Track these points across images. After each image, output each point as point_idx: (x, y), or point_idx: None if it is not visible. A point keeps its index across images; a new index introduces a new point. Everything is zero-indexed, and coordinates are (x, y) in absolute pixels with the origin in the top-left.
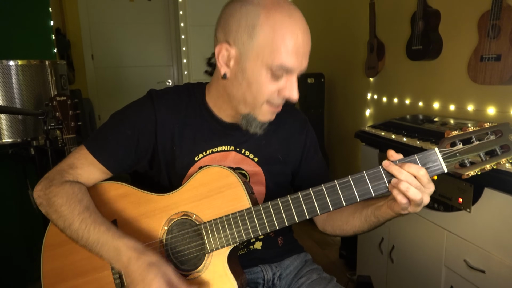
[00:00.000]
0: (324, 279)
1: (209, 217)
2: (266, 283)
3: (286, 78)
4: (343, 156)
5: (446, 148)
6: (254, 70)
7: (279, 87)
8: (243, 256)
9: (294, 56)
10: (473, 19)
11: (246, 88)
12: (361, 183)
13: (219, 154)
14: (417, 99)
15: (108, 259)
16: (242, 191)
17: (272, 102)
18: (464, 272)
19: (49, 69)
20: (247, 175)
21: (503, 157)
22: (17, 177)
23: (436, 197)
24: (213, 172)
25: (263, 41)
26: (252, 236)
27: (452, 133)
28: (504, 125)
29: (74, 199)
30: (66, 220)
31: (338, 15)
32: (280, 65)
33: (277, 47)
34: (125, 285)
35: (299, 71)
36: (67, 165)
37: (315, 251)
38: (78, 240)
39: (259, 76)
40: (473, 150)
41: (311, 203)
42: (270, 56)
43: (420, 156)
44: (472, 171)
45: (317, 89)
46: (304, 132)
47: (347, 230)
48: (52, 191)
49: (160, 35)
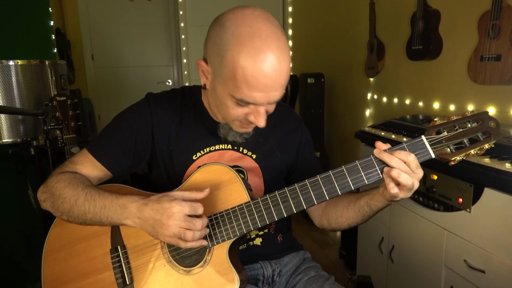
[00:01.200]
0: (322, 276)
1: (209, 213)
2: (266, 280)
3: (253, 107)
4: (343, 156)
5: (432, 135)
6: (223, 94)
7: (245, 112)
8: (243, 252)
9: (257, 93)
10: (473, 19)
11: (219, 105)
12: (354, 172)
13: (217, 153)
14: (417, 99)
15: (118, 220)
16: (240, 186)
17: (242, 124)
18: (464, 272)
19: (49, 69)
20: (245, 172)
21: (485, 143)
22: (17, 177)
23: (436, 197)
24: (211, 170)
25: (228, 73)
26: (252, 228)
27: (437, 122)
28: (484, 113)
29: (76, 180)
30: (71, 198)
31: (338, 15)
32: (241, 99)
33: (239, 83)
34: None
35: (267, 103)
36: (68, 162)
37: (315, 251)
38: (86, 214)
39: (226, 101)
40: (457, 136)
41: (307, 193)
42: (233, 88)
43: (408, 143)
44: (458, 156)
45: (317, 89)
46: (299, 130)
47: (341, 223)
48: (53, 180)
49: (160, 35)
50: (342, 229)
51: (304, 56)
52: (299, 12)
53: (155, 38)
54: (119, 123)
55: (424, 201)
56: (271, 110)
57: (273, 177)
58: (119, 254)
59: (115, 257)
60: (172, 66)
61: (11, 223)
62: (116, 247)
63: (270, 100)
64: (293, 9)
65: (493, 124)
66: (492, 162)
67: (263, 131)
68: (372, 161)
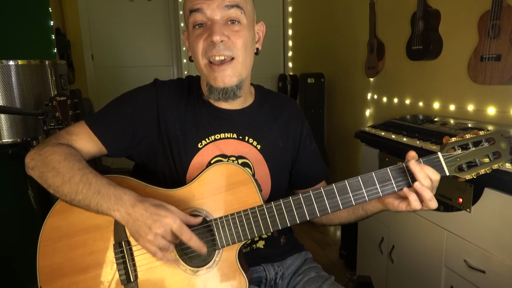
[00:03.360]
0: (322, 277)
1: (220, 214)
2: (268, 282)
3: (205, 26)
4: (343, 156)
5: (448, 152)
6: (190, 36)
7: (204, 37)
8: (246, 255)
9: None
10: (473, 19)
11: (194, 57)
12: (369, 183)
13: (222, 142)
14: (417, 99)
15: (107, 209)
16: (254, 188)
17: (208, 54)
18: (464, 272)
19: (49, 69)
20: (251, 165)
21: (495, 163)
22: (17, 177)
23: (436, 197)
24: (223, 169)
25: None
26: (264, 232)
27: (452, 140)
28: (496, 133)
29: (72, 157)
30: (65, 175)
31: (338, 15)
32: (189, 10)
33: (187, 3)
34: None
35: (211, 12)
36: (63, 131)
37: (315, 251)
38: (76, 194)
39: (192, 38)
40: (470, 155)
41: (322, 201)
42: (186, 14)
43: (425, 159)
44: (468, 175)
45: (317, 89)
46: (300, 121)
47: (333, 220)
48: (48, 150)
49: (160, 35)
50: (333, 225)
51: (304, 56)
52: (299, 12)
53: (155, 38)
54: (122, 101)
55: None
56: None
57: (278, 169)
58: (124, 250)
59: (118, 252)
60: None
61: (11, 223)
62: (120, 242)
63: (211, 7)
64: (293, 9)
65: (504, 145)
66: None
67: (266, 121)
68: (388, 173)
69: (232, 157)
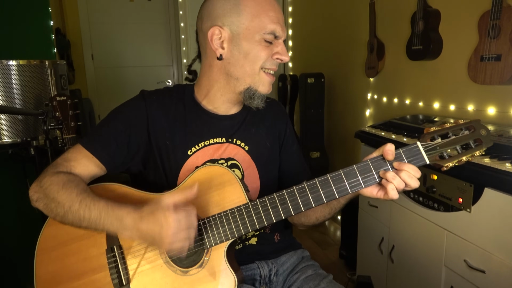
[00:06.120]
0: (320, 275)
1: (207, 214)
2: (262, 279)
3: (276, 42)
4: (343, 156)
5: (427, 142)
6: (249, 42)
7: (272, 51)
8: (239, 252)
9: (277, 24)
10: (473, 19)
11: (244, 60)
12: (351, 175)
13: (212, 147)
14: (417, 99)
15: (114, 231)
16: (239, 188)
17: (267, 67)
18: (464, 272)
19: (49, 69)
20: (240, 166)
21: (476, 150)
22: (17, 177)
23: (436, 197)
24: (209, 171)
25: (249, 14)
26: (250, 230)
27: (431, 129)
28: (476, 121)
29: (70, 184)
30: (65, 204)
31: (338, 15)
32: (271, 32)
33: (263, 17)
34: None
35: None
36: (61, 159)
37: (315, 251)
38: (81, 221)
39: (254, 45)
40: (450, 143)
41: (305, 195)
42: (259, 26)
43: (404, 149)
44: (450, 163)
45: (317, 89)
46: (285, 122)
47: (310, 216)
48: (47, 181)
49: (160, 35)
50: (311, 224)
51: (304, 56)
52: (299, 12)
53: (155, 38)
54: (113, 118)
55: (424, 201)
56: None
57: (266, 169)
58: (115, 254)
59: (111, 257)
60: (172, 66)
61: (10, 223)
62: (112, 247)
63: (285, 34)
64: (293, 9)
65: (484, 132)
66: (492, 162)
67: (253, 122)
68: (369, 165)
69: (221, 160)
